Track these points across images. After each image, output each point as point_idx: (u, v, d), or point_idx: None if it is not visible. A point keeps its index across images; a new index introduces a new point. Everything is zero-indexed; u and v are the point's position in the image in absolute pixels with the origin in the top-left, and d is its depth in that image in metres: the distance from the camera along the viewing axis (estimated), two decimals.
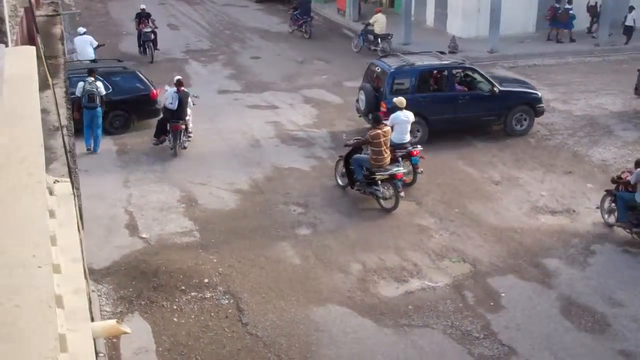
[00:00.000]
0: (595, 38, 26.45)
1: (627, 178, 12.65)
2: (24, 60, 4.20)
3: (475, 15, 26.94)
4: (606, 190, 13.26)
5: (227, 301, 10.99)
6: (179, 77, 17.55)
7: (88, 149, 16.54)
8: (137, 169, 15.82)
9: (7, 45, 4.66)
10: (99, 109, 16.40)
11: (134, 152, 16.82)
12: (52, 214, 3.61)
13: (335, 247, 12.57)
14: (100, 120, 16.53)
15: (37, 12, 9.69)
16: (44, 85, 6.01)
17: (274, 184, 15.18)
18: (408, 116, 14.95)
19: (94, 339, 3.21)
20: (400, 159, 14.48)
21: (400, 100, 15.12)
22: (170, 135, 16.53)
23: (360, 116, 17.91)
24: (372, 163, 13.86)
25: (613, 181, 13.08)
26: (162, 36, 28.36)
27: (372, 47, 25.85)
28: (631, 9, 25.83)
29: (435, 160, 16.27)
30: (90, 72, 16.61)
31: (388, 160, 13.97)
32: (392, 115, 14.94)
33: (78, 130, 14.25)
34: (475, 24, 26.93)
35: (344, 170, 14.59)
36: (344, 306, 10.90)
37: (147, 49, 25.21)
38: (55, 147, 6.00)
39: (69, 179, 4.83)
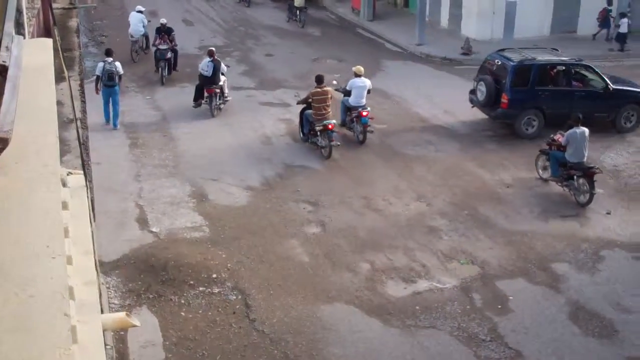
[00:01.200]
0: (609, 42, 26.36)
1: (559, 140, 14.74)
2: (40, 52, 4.22)
3: (490, 18, 26.86)
4: (540, 150, 15.41)
5: (235, 297, 11.02)
6: (212, 48, 20.18)
7: (107, 121, 18.09)
8: (148, 163, 15.88)
9: (24, 37, 4.69)
10: (117, 87, 18.02)
11: (146, 146, 16.88)
12: (65, 206, 3.64)
13: (344, 246, 12.58)
14: (118, 97, 18.12)
15: (54, 5, 9.74)
16: (59, 78, 6.05)
17: (284, 181, 15.20)
18: (364, 82, 17.37)
19: (103, 331, 3.24)
20: (354, 119, 16.98)
21: (359, 68, 17.75)
22: (207, 98, 18.92)
23: (473, 107, 18.58)
24: (314, 117, 16.29)
25: (547, 143, 15.24)
26: (177, 32, 28.42)
27: (294, 19, 30.57)
28: (623, 15, 25.73)
29: (446, 161, 16.27)
30: (108, 52, 18.24)
31: (328, 115, 16.25)
32: (350, 81, 17.55)
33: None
34: (489, 26, 26.84)
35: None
36: (352, 305, 10.92)
37: (159, 69, 21.84)
38: (69, 139, 6.04)
39: (82, 171, 4.86)
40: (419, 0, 27.07)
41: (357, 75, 17.45)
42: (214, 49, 19.83)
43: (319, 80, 16.68)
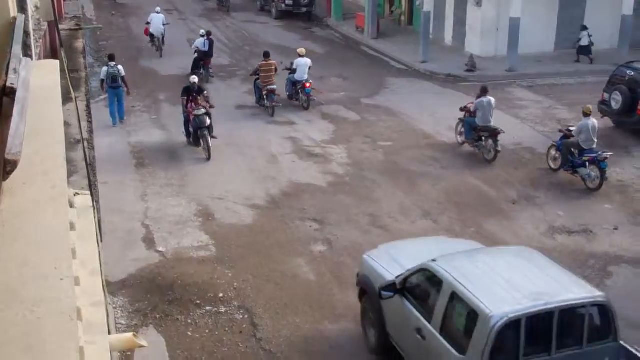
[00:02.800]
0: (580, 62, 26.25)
1: (470, 107, 17.59)
2: (48, 74, 4.25)
3: (493, 34, 26.93)
4: (459, 119, 18.05)
5: (241, 316, 11.00)
6: (208, 30, 25.52)
7: (114, 123, 19.75)
8: (154, 183, 15.91)
9: (32, 59, 4.72)
10: (121, 88, 19.73)
11: (152, 166, 16.92)
12: (72, 227, 3.65)
13: (351, 264, 12.55)
14: (122, 97, 19.97)
15: (61, 26, 9.81)
16: (66, 99, 6.08)
17: (290, 199, 15.21)
18: (306, 61, 21.38)
19: (111, 352, 3.24)
20: (300, 90, 21.19)
21: (302, 50, 22.12)
22: (202, 69, 23.90)
23: (602, 117, 19.21)
24: (261, 84, 20.78)
25: (461, 110, 18.03)
26: (182, 51, 28.58)
27: (224, 7, 36.33)
28: (584, 28, 25.70)
29: (451, 178, 16.26)
30: (111, 57, 20.03)
31: (272, 82, 20.62)
32: (295, 60, 21.53)
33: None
34: (493, 42, 26.91)
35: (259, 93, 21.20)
36: (359, 324, 10.86)
37: (202, 140, 17.28)
38: (76, 159, 6.07)
39: (89, 192, 4.88)
40: (422, 18, 27.17)
41: (300, 55, 21.71)
42: (209, 30, 25.45)
43: (266, 55, 21.34)
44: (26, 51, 4.64)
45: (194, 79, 18.24)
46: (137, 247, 13.10)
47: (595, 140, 15.87)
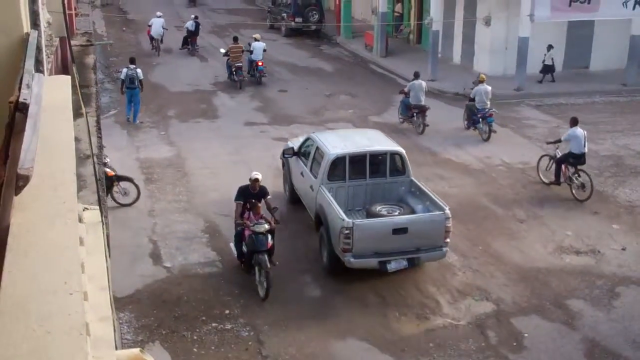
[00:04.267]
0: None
1: (405, 90, 21.02)
2: (59, 89, 4.29)
3: (502, 53, 26.98)
4: (401, 101, 21.31)
5: (247, 333, 10.98)
6: (195, 15, 32.45)
7: (127, 119, 21.51)
8: (162, 199, 15.94)
9: (43, 74, 4.77)
10: (137, 89, 21.28)
11: (161, 181, 16.97)
12: (81, 242, 3.66)
13: (356, 281, 12.52)
14: (138, 97, 21.46)
15: (72, 42, 9.89)
16: (76, 114, 6.12)
17: (297, 215, 15.19)
18: (261, 44, 26.51)
19: None
20: (254, 68, 26.38)
21: (257, 35, 27.57)
22: (190, 45, 31.07)
23: None
24: (230, 62, 25.99)
25: (400, 92, 21.57)
26: (191, 67, 28.74)
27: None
28: (550, 47, 25.70)
29: (459, 196, 16.23)
30: (132, 60, 21.78)
31: (240, 61, 26.02)
32: (253, 44, 26.58)
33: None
34: (502, 61, 26.96)
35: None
36: (364, 341, 10.84)
37: (258, 269, 12.09)
38: (85, 174, 6.09)
39: (98, 207, 4.90)
40: (431, 36, 27.27)
41: (256, 40, 26.82)
42: (197, 15, 32.28)
43: (235, 39, 27.27)
44: (38, 67, 4.68)
45: (256, 175, 13.05)
46: (144, 263, 13.11)
47: (488, 103, 20.08)
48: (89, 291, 3.31)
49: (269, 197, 13.06)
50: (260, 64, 26.24)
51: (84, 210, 4.53)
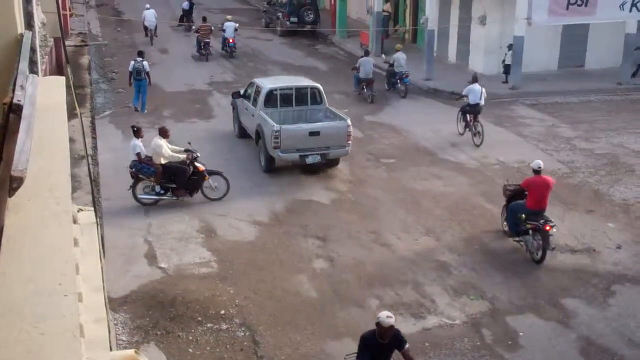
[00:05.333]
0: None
1: (357, 66, 24.62)
2: (54, 90, 4.28)
3: (497, 52, 27.02)
4: (354, 76, 24.84)
5: (243, 333, 10.97)
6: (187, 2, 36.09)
7: (135, 109, 22.72)
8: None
9: (38, 75, 4.76)
10: (144, 81, 22.49)
11: None
12: (75, 243, 3.66)
13: (353, 282, 12.54)
14: (145, 88, 22.69)
15: (66, 42, 9.87)
16: (71, 114, 6.11)
17: (292, 216, 15.21)
18: (232, 24, 30.94)
19: None
20: (227, 44, 30.84)
21: (229, 16, 31.14)
22: (185, 22, 35.37)
23: None
24: (200, 38, 30.25)
25: (352, 68, 25.07)
26: (187, 67, 28.70)
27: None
28: (510, 47, 25.74)
29: (454, 196, 16.26)
30: (140, 54, 23.10)
31: (207, 38, 30.12)
32: (225, 23, 30.85)
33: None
34: (497, 60, 27.00)
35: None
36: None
37: None
38: (79, 175, 6.09)
39: (92, 208, 4.89)
40: (426, 35, 27.30)
41: (228, 20, 31.46)
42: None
43: (204, 19, 31.45)
44: (32, 67, 4.67)
45: (389, 318, 8.38)
46: (139, 263, 13.09)
47: (404, 66, 24.52)
48: (83, 292, 3.31)
49: (406, 346, 8.54)
50: (231, 40, 30.79)
51: (78, 211, 4.53)
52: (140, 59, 22.68)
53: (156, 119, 22.13)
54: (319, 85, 18.83)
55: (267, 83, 18.93)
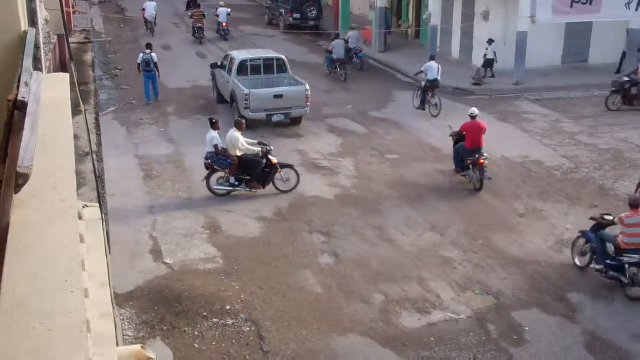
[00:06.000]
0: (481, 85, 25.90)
1: (330, 49, 26.99)
2: (58, 87, 4.29)
3: (501, 48, 26.95)
4: (326, 57, 27.82)
5: (248, 329, 10.99)
6: None
7: (148, 104, 23.32)
8: (162, 196, 15.94)
9: (42, 72, 4.76)
10: (154, 72, 23.27)
11: (160, 178, 16.98)
12: (81, 239, 3.67)
13: (358, 277, 12.54)
14: (156, 79, 23.47)
15: (70, 39, 9.88)
16: (75, 111, 6.12)
17: (297, 212, 15.21)
18: (226, 9, 33.21)
19: None
20: (221, 27, 33.76)
21: (223, 2, 33.24)
22: (192, 7, 36.22)
23: None
24: (194, 22, 33.16)
25: (326, 52, 27.99)
26: (189, 64, 28.70)
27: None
28: (490, 42, 25.65)
29: (459, 191, 16.24)
30: (148, 46, 23.87)
31: (200, 22, 32.90)
32: (219, 9, 33.15)
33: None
34: (501, 56, 26.94)
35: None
36: (366, 336, 10.85)
37: None
38: (84, 172, 6.09)
39: (97, 204, 4.90)
40: (430, 31, 27.28)
41: (222, 6, 33.42)
42: None
43: (198, 6, 34.71)
44: (37, 64, 4.68)
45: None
46: (144, 259, 13.12)
47: (356, 43, 28.19)
48: (89, 288, 3.32)
49: None
50: (224, 24, 33.47)
51: (83, 207, 4.53)
52: (149, 51, 23.35)
53: (159, 115, 22.18)
54: (284, 57, 22.30)
55: (239, 55, 22.04)
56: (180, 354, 10.35)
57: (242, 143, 15.67)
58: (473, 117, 16.38)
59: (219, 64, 22.90)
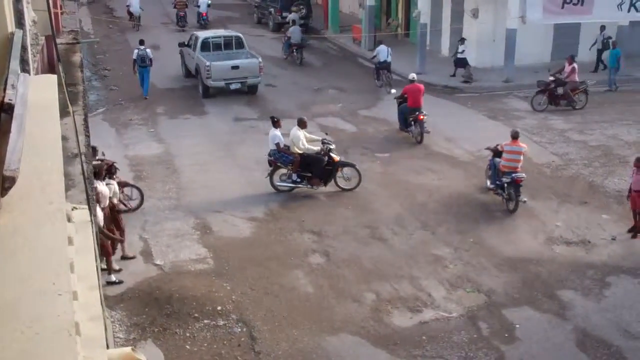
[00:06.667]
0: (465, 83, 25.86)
1: (288, 34, 29.57)
2: (45, 89, 4.25)
3: (490, 45, 27.01)
4: (284, 43, 30.09)
5: (240, 329, 10.97)
6: None
7: (145, 98, 23.82)
8: (152, 196, 15.89)
9: (29, 74, 4.73)
10: (148, 67, 23.90)
11: (150, 179, 16.92)
12: (70, 241, 3.64)
13: (349, 276, 12.54)
14: (149, 75, 24.03)
15: (58, 40, 9.83)
16: (63, 113, 6.08)
17: (288, 212, 15.20)
18: (206, 1, 35.71)
19: None
20: (201, 17, 35.90)
21: None
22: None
23: None
24: (178, 12, 35.61)
25: (284, 35, 30.17)
26: (178, 64, 28.64)
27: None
28: (462, 40, 25.68)
29: (449, 189, 16.27)
30: (141, 42, 24.28)
31: (183, 11, 35.62)
32: (199, 0, 35.55)
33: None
34: (490, 53, 26.99)
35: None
36: (357, 336, 10.86)
37: None
38: (73, 173, 6.06)
39: (86, 206, 4.88)
40: (419, 29, 27.27)
41: None
42: None
43: None
44: (24, 66, 4.65)
45: None
46: (135, 261, 13.07)
47: (300, 38, 29.41)
48: (79, 291, 3.30)
49: None
50: (204, 14, 36.00)
51: (72, 209, 4.51)
52: (143, 47, 23.89)
53: (149, 115, 22.11)
54: (241, 35, 26.08)
55: (203, 34, 25.95)
56: (172, 356, 10.33)
57: (302, 142, 15.95)
58: (412, 81, 19.65)
59: (186, 42, 26.04)
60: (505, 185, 14.88)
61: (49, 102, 4.02)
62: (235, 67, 23.46)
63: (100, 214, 11.03)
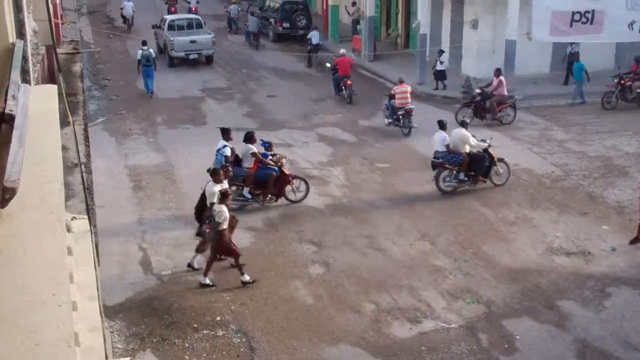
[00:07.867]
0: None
1: (278, 24, 31.94)
2: (46, 99, 4.27)
3: (489, 56, 27.04)
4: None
5: (239, 340, 10.95)
6: None
7: (150, 96, 25.10)
8: (152, 206, 15.89)
9: (30, 84, 4.75)
10: (152, 67, 25.09)
11: (150, 188, 16.92)
12: (69, 251, 3.64)
13: (349, 287, 12.52)
14: (153, 74, 25.27)
15: (58, 50, 9.85)
16: (63, 122, 6.10)
17: (287, 222, 15.19)
18: None
19: None
20: (190, 12, 38.35)
21: None
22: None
23: None
24: (169, 7, 38.60)
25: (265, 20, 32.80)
26: (179, 73, 28.71)
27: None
28: (441, 52, 25.66)
29: (450, 200, 16.26)
30: (144, 43, 25.74)
31: (174, 6, 39.96)
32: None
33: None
34: (489, 64, 27.01)
35: None
36: (357, 346, 10.83)
37: None
38: (73, 183, 6.07)
39: (86, 216, 4.88)
40: (419, 40, 27.32)
41: None
42: None
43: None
44: (25, 76, 4.66)
45: None
46: (134, 271, 13.06)
47: (256, 27, 34.01)
48: (78, 301, 3.30)
49: None
50: (194, 9, 39.20)
51: (72, 219, 4.51)
52: (146, 47, 25.23)
53: (149, 125, 22.13)
54: (200, 17, 32.87)
55: (169, 17, 32.28)
56: None
57: (472, 140, 16.58)
58: (342, 55, 25.32)
59: (158, 25, 32.10)
60: (401, 116, 20.48)
61: (49, 112, 4.04)
62: (193, 42, 29.82)
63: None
